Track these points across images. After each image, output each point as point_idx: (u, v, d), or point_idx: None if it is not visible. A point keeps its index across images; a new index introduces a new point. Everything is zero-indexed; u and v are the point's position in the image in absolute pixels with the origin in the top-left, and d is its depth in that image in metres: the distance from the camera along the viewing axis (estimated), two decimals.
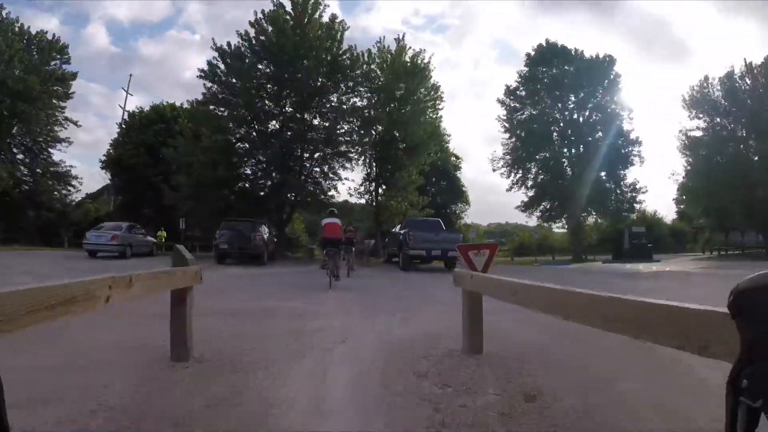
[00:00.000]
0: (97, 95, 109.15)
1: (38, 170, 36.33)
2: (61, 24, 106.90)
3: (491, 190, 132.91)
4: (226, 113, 25.34)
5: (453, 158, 43.36)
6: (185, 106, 27.07)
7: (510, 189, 34.52)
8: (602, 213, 34.46)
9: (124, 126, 39.42)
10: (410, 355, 4.40)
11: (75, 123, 38.23)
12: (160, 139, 30.63)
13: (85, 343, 4.50)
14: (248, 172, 25.94)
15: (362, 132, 26.19)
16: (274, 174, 25.27)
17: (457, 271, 5.00)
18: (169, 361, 3.93)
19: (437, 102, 28.64)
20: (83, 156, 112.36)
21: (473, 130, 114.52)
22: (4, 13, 34.57)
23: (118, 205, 39.17)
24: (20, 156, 36.69)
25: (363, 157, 28.02)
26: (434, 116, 29.02)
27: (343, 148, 26.66)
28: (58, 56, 36.95)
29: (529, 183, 34.38)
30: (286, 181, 24.32)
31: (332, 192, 27.42)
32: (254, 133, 25.45)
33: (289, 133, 25.21)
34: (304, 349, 4.69)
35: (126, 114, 40.58)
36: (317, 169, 27.21)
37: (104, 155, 40.10)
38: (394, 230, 22.97)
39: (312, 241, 31.30)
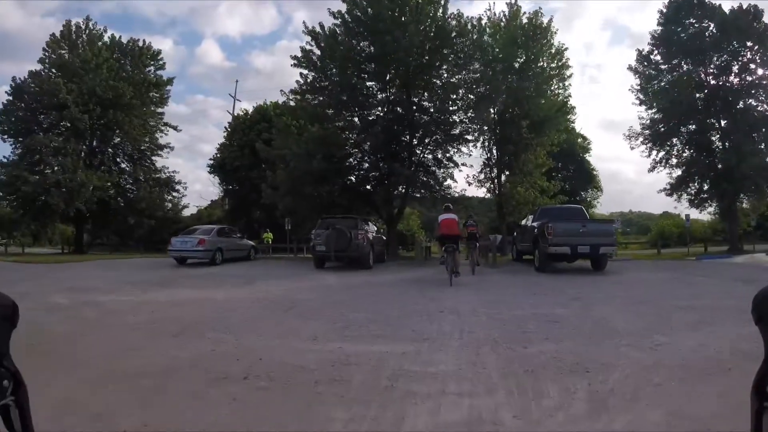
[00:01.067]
0: (216, 108, 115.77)
1: (140, 178, 36.36)
2: (175, 44, 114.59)
3: (612, 179, 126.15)
4: (322, 100, 22.57)
5: (580, 139, 38.07)
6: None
7: (653, 169, 28.64)
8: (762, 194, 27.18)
9: (228, 129, 38.67)
10: None
11: (175, 128, 38.74)
12: (263, 139, 28.89)
13: None
14: (351, 162, 22.76)
15: (479, 109, 22.04)
16: (380, 164, 22.06)
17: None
18: None
19: (564, 69, 23.75)
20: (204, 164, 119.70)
21: (590, 116, 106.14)
22: (91, 24, 35.49)
23: (228, 209, 38.67)
24: (123, 164, 37.17)
25: (481, 140, 24.07)
26: (561, 86, 24.22)
27: (457, 130, 22.93)
28: (152, 62, 37.38)
29: (674, 161, 28.41)
30: (393, 171, 20.92)
31: (448, 182, 23.91)
32: (356, 118, 22.40)
33: (391, 117, 21.86)
34: None
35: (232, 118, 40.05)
36: (429, 157, 23.74)
37: (211, 159, 39.65)
38: (524, 222, 18.99)
39: (428, 238, 28.42)
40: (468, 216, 18.52)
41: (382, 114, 22.05)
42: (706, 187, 27.55)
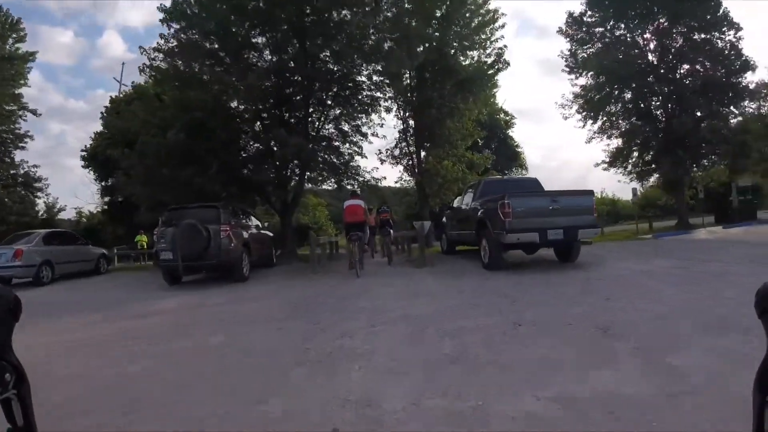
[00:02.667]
0: None
1: None
2: (75, 35, 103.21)
3: (547, 158, 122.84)
4: (193, 65, 16.59)
5: (502, 114, 34.66)
6: None
7: (590, 141, 25.61)
8: (709, 164, 24.66)
9: (104, 114, 31.31)
10: None
11: (34, 113, 31.12)
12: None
13: None
14: (229, 136, 16.30)
15: (391, 63, 16.96)
16: (267, 134, 16.59)
17: None
18: None
19: (495, 18, 19.35)
20: None
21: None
22: None
23: (107, 210, 31.58)
24: None
25: (396, 106, 19.33)
26: (493, 39, 19.69)
27: (364, 94, 17.95)
28: (10, 34, 29.65)
29: (614, 131, 25.08)
30: (283, 142, 15.37)
31: (357, 161, 18.81)
32: (233, 77, 16.10)
33: (280, 71, 16.51)
34: None
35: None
36: (330, 128, 18.62)
37: (83, 150, 32.10)
38: (456, 204, 14.46)
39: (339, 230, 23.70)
40: (382, 202, 16.45)
41: (267, 66, 16.54)
42: (648, 158, 24.52)
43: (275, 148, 15.91)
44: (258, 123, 16.95)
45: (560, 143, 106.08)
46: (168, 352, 5.28)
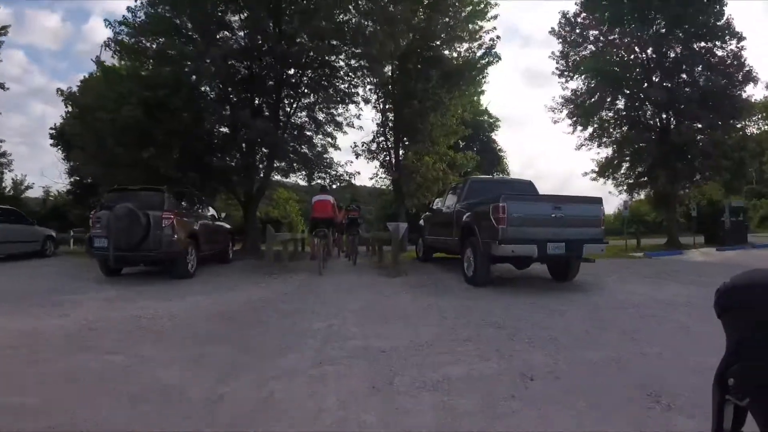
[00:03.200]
0: None
1: None
2: (63, 20, 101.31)
3: (524, 165, 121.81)
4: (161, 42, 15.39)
5: (486, 116, 33.57)
6: None
7: (579, 148, 24.12)
8: (703, 180, 23.46)
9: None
10: None
11: (2, 86, 29.57)
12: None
13: None
14: (190, 116, 14.65)
15: (370, 46, 15.75)
16: (227, 117, 15.29)
17: None
18: None
19: (487, 8, 18.20)
20: None
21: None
22: None
23: (72, 190, 30.20)
24: None
25: (374, 97, 18.15)
26: (484, 30, 18.48)
27: (342, 81, 16.75)
28: None
29: (605, 139, 23.85)
30: (248, 124, 14.14)
31: (330, 153, 17.65)
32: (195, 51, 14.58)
33: (249, 48, 15.18)
34: None
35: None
36: (303, 116, 17.34)
37: (51, 129, 30.61)
38: (436, 205, 12.98)
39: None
40: (352, 199, 15.92)
41: (238, 47, 15.24)
42: (640, 169, 23.40)
43: (240, 132, 14.65)
44: (227, 106, 15.61)
45: (539, 152, 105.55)
46: (21, 377, 4.06)
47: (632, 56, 22.69)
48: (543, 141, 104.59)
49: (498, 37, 17.42)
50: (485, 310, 6.72)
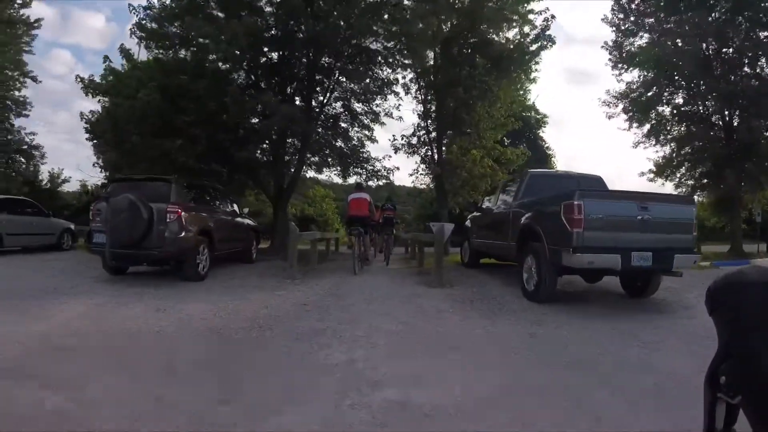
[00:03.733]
0: None
1: None
2: (107, 21, 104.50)
3: (565, 166, 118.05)
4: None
5: (533, 112, 31.72)
6: None
7: (637, 145, 22.23)
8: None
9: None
10: None
11: (35, 79, 29.31)
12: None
13: None
14: (211, 107, 13.31)
15: (413, 27, 14.22)
16: (258, 106, 13.78)
17: None
18: None
19: None
20: None
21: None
22: None
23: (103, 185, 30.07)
24: None
25: (417, 85, 16.62)
26: (532, 11, 16.60)
27: (382, 69, 15.28)
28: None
29: (667, 136, 21.87)
30: (278, 112, 12.64)
31: (367, 146, 16.27)
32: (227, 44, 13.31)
33: (281, 31, 13.84)
34: None
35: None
36: (337, 105, 15.97)
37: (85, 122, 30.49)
38: (486, 204, 11.14)
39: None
40: (387, 199, 15.43)
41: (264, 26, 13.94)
42: (703, 170, 21.15)
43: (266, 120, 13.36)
44: (252, 91, 14.33)
45: (580, 153, 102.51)
46: None
47: (691, 47, 20.44)
48: (583, 140, 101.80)
49: (553, 16, 15.28)
50: (557, 341, 5.16)
